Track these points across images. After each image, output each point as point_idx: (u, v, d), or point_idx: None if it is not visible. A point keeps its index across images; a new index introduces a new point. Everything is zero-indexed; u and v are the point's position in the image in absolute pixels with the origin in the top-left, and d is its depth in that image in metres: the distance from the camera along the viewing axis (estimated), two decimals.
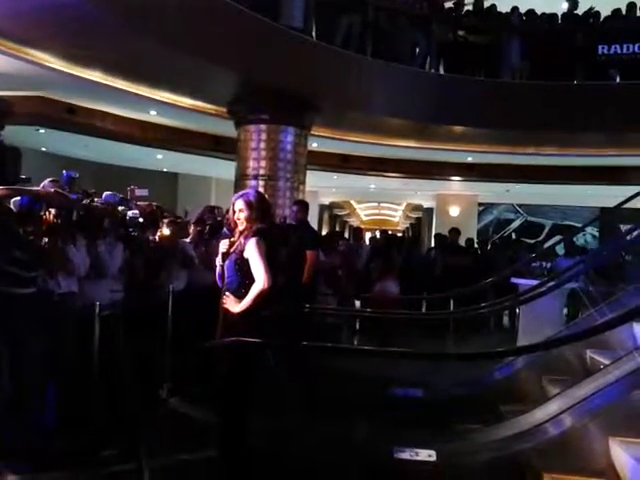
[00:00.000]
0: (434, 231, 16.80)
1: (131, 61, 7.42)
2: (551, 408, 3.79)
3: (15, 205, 3.77)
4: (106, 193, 5.12)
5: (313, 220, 13.14)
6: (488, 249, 12.12)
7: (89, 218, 4.33)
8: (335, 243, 8.77)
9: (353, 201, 25.26)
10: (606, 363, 4.08)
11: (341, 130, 10.63)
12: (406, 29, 9.23)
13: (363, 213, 29.54)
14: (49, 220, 3.71)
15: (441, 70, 9.67)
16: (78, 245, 4.19)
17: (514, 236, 20.08)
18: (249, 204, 3.63)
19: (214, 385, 3.55)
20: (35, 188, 4.04)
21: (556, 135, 10.04)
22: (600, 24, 9.90)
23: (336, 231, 17.36)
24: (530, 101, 9.10)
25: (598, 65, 9.40)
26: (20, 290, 3.54)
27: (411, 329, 8.71)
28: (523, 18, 10.03)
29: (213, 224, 6.52)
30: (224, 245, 3.71)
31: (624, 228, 10.77)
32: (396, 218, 29.67)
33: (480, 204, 18.78)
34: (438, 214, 17.88)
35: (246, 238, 3.57)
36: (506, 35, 9.59)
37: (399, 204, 25.07)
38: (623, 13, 9.78)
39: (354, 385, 5.35)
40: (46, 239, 3.75)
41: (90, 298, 4.14)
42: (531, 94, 9.18)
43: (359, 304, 8.29)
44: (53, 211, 3.75)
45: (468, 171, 13.70)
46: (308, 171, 9.22)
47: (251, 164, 8.54)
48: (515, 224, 20.72)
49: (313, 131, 9.24)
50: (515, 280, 7.20)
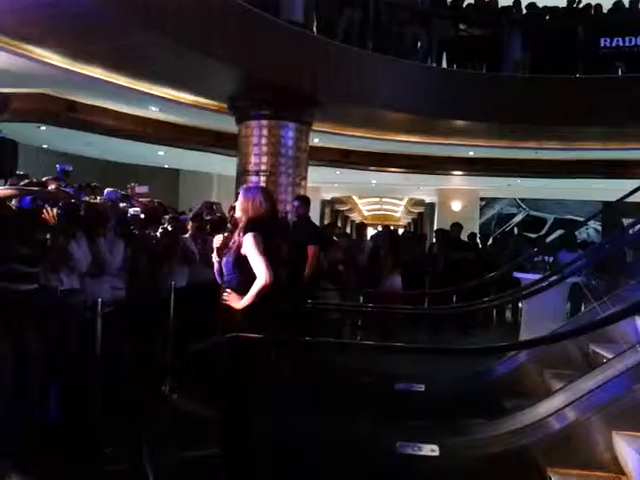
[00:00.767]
0: (436, 226, 16.78)
1: (132, 57, 7.39)
2: (554, 402, 3.78)
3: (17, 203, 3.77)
4: (107, 190, 5.13)
5: (315, 216, 13.14)
6: (489, 244, 12.11)
7: (90, 215, 4.33)
8: (332, 233, 8.77)
9: (355, 196, 25.24)
10: (609, 357, 4.08)
11: (342, 125, 10.60)
12: (407, 23, 9.20)
13: (365, 208, 29.52)
14: (51, 217, 3.70)
15: (443, 64, 9.64)
16: (79, 242, 4.18)
17: (516, 230, 20.06)
18: (246, 198, 3.59)
19: (216, 382, 3.54)
20: (37, 188, 4.04)
21: (558, 129, 10.00)
22: (602, 17, 9.86)
23: (330, 222, 17.31)
24: (532, 95, 9.07)
25: (600, 58, 9.36)
26: (22, 286, 3.54)
27: (414, 324, 8.73)
28: (524, 12, 10.00)
29: (215, 220, 6.50)
30: (217, 241, 3.66)
31: (626, 222, 10.76)
32: (398, 213, 29.65)
33: (482, 199, 18.77)
34: (440, 209, 17.86)
35: (242, 233, 3.49)
36: (508, 29, 9.55)
37: (401, 199, 25.04)
38: (626, 6, 9.74)
39: (357, 380, 5.35)
40: (48, 235, 3.74)
41: (92, 295, 4.14)
42: (533, 88, 9.15)
43: (362, 300, 8.28)
44: (55, 208, 3.74)
45: (470, 165, 13.67)
46: (310, 166, 9.20)
47: (252, 160, 8.53)
48: (517, 218, 20.70)
49: (314, 126, 9.21)
50: (518, 274, 7.20)
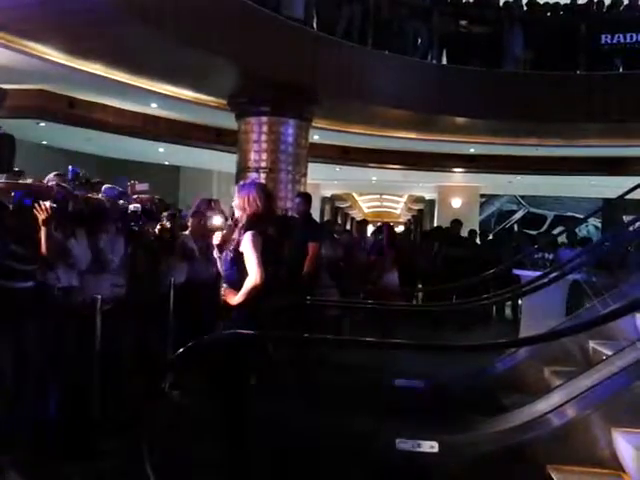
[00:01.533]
0: (436, 223, 16.78)
1: (132, 54, 7.39)
2: (554, 399, 3.78)
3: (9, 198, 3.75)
4: (105, 186, 5.11)
5: (315, 213, 13.12)
6: (488, 240, 12.10)
7: (89, 211, 4.32)
8: (333, 230, 8.78)
9: (355, 193, 25.23)
10: (609, 354, 4.07)
11: (342, 122, 10.59)
12: (407, 19, 9.19)
13: (365, 205, 29.50)
14: (44, 212, 3.68)
15: (443, 61, 9.63)
16: (79, 239, 4.17)
17: (516, 227, 20.07)
18: (241, 194, 3.57)
19: (215, 378, 3.54)
20: (29, 181, 4.02)
21: (559, 126, 9.98)
22: (603, 13, 9.83)
23: (329, 219, 17.38)
24: (533, 92, 9.05)
25: (601, 55, 9.34)
26: (19, 284, 3.53)
27: (414, 321, 8.73)
28: (524, 8, 9.97)
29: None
30: (217, 237, 3.67)
31: (627, 219, 10.74)
32: (398, 210, 29.63)
33: (482, 195, 18.75)
34: (440, 206, 17.83)
35: (242, 231, 3.49)
36: (508, 25, 9.53)
37: (401, 196, 25.03)
38: (626, 2, 9.72)
39: (356, 377, 5.35)
40: (42, 232, 3.72)
41: (91, 292, 4.13)
42: (533, 85, 9.13)
43: (361, 297, 8.28)
44: (48, 203, 3.71)
45: (470, 162, 13.66)
46: (310, 163, 9.20)
47: (252, 156, 8.52)
48: (517, 215, 20.71)
49: (314, 123, 9.20)
50: (517, 271, 7.19)
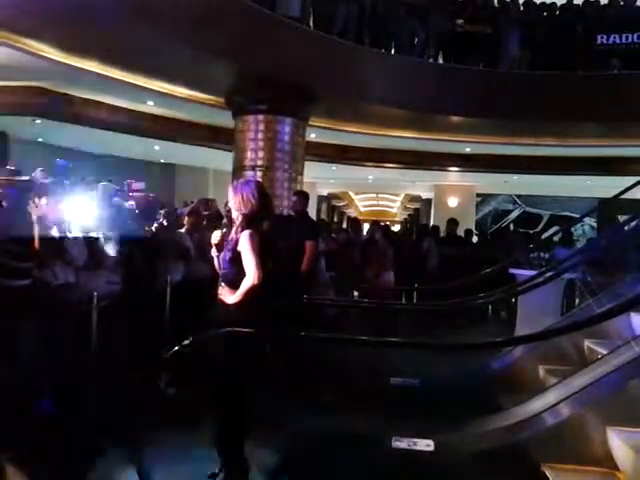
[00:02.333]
0: (432, 222, 16.79)
1: (128, 51, 7.38)
2: (549, 398, 3.79)
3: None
4: (101, 184, 5.10)
5: (311, 211, 13.11)
6: (485, 239, 12.11)
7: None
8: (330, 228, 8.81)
9: (351, 192, 25.23)
10: (604, 353, 4.09)
11: (339, 120, 10.60)
12: (404, 18, 9.19)
13: (361, 204, 29.52)
14: (40, 208, 3.68)
15: (440, 60, 9.63)
16: (75, 236, 4.17)
17: (512, 227, 20.10)
18: (235, 193, 3.58)
19: (212, 376, 3.54)
20: (25, 178, 4.02)
21: (555, 126, 10.01)
22: (599, 14, 9.85)
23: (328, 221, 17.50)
24: (529, 91, 9.06)
25: (597, 55, 9.36)
26: (15, 282, 3.52)
27: (409, 320, 8.74)
28: (521, 8, 9.99)
29: (211, 215, 6.49)
30: (215, 237, 3.67)
31: (622, 218, 10.77)
32: (394, 209, 29.65)
33: (478, 195, 18.77)
34: (436, 205, 17.86)
35: (239, 230, 3.49)
36: (505, 25, 9.55)
37: (397, 195, 25.05)
38: (621, 3, 9.75)
39: (352, 375, 5.35)
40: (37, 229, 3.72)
41: (87, 289, 4.13)
42: (530, 84, 9.14)
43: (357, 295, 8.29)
44: (44, 200, 3.72)
45: (466, 162, 13.68)
46: (306, 162, 9.20)
47: (249, 155, 8.52)
48: (513, 215, 20.74)
49: (311, 122, 9.21)
50: (513, 271, 7.20)
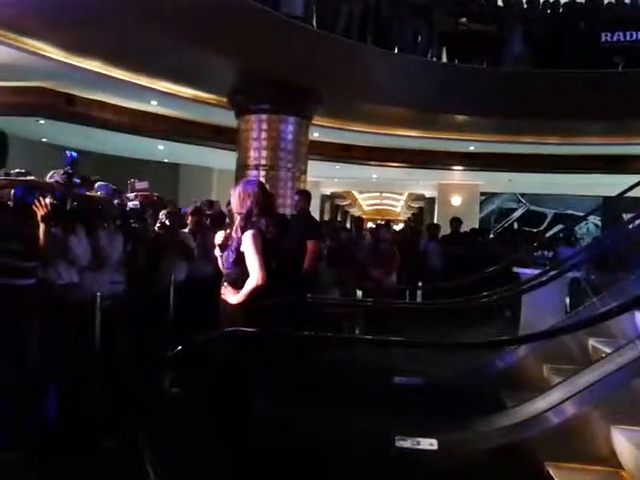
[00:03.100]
0: (436, 221, 16.77)
1: (131, 51, 7.39)
2: (553, 397, 3.78)
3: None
4: (99, 184, 5.08)
5: (314, 210, 13.13)
6: (489, 238, 12.11)
7: (88, 208, 4.33)
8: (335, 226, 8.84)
9: (355, 191, 25.21)
10: (608, 351, 4.08)
11: (342, 119, 10.59)
12: (407, 17, 9.17)
13: (365, 203, 29.50)
14: (43, 209, 3.68)
15: (443, 58, 9.61)
16: (79, 235, 4.18)
17: (516, 225, 20.07)
18: (236, 192, 3.58)
19: (215, 375, 3.55)
20: (29, 178, 4.02)
21: (558, 124, 9.99)
22: (602, 11, 9.81)
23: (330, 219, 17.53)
24: (532, 90, 9.04)
25: (601, 53, 9.33)
26: (20, 281, 3.53)
27: (413, 318, 8.73)
28: (525, 6, 9.96)
29: (214, 215, 6.51)
30: (219, 237, 3.68)
31: (626, 217, 10.73)
32: (398, 208, 29.62)
33: (482, 193, 18.73)
34: (440, 204, 17.83)
35: (242, 230, 3.49)
36: (508, 23, 9.52)
37: (401, 194, 25.02)
38: (626, 0, 9.71)
39: (356, 374, 5.35)
40: (42, 228, 3.72)
41: (91, 289, 4.14)
42: (533, 83, 9.12)
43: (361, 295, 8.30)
44: (48, 200, 3.72)
45: (470, 160, 13.66)
46: (309, 161, 9.19)
47: (252, 154, 8.51)
48: (517, 213, 20.69)
49: (314, 121, 9.20)
50: (517, 269, 7.19)
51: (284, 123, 8.51)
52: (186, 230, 6.02)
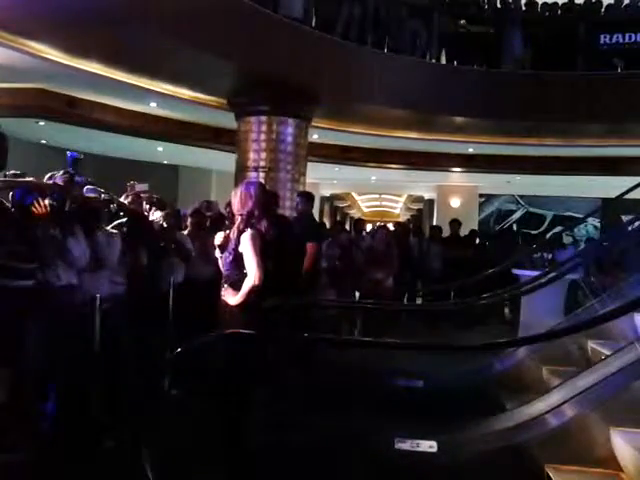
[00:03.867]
0: (435, 223, 16.78)
1: (131, 53, 7.38)
2: (552, 399, 3.79)
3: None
4: (87, 187, 5.06)
5: (314, 212, 13.12)
6: (488, 240, 12.11)
7: (87, 209, 4.32)
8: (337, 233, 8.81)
9: (354, 193, 25.21)
10: (607, 354, 4.08)
11: (342, 121, 10.59)
12: (406, 19, 9.18)
13: (364, 205, 29.50)
14: (42, 210, 3.68)
15: (442, 60, 9.62)
16: (77, 236, 4.17)
17: (515, 227, 20.07)
18: (236, 194, 3.59)
19: (214, 377, 3.55)
20: (28, 179, 4.02)
21: (558, 126, 9.99)
22: (602, 13, 9.84)
23: (338, 221, 17.50)
24: (531, 91, 9.05)
25: (600, 54, 9.35)
26: (19, 283, 3.53)
27: (412, 320, 8.74)
28: (523, 8, 9.98)
29: (214, 216, 6.49)
30: (219, 238, 3.69)
31: (626, 219, 10.75)
32: (397, 210, 29.62)
33: (481, 195, 18.73)
34: (439, 205, 17.83)
35: (241, 232, 3.52)
36: (507, 25, 9.54)
37: (400, 196, 25.02)
38: (626, 2, 9.73)
39: (355, 376, 5.35)
40: (40, 230, 3.72)
41: (90, 290, 4.13)
42: (532, 84, 9.14)
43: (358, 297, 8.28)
44: (46, 201, 3.72)
45: (469, 162, 13.65)
46: (309, 163, 9.19)
47: (251, 156, 8.52)
48: (516, 215, 20.67)
49: (314, 122, 9.20)
50: (516, 271, 7.20)
51: (283, 125, 8.51)
52: (185, 232, 6.01)
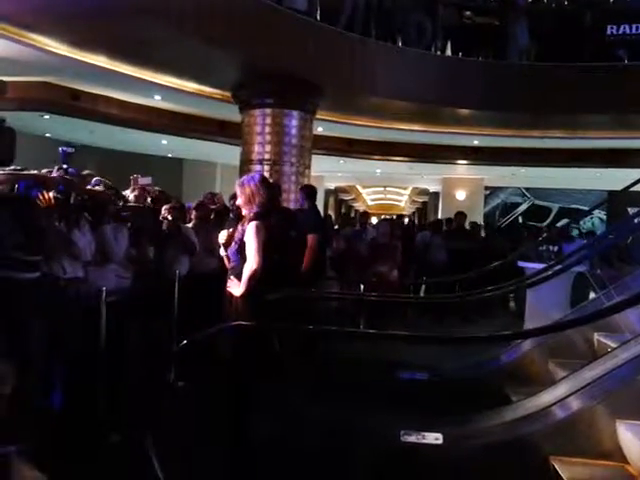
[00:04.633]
0: (440, 215, 16.75)
1: (136, 46, 7.37)
2: (558, 391, 3.78)
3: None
4: (95, 179, 5.07)
5: (318, 204, 13.11)
6: (493, 232, 12.07)
7: (93, 202, 4.33)
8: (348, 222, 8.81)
9: (359, 186, 25.20)
10: (613, 346, 4.07)
11: (346, 114, 10.57)
12: (411, 11, 9.13)
13: (369, 198, 29.47)
14: (47, 202, 3.68)
15: (447, 52, 9.58)
16: (83, 229, 4.17)
17: (521, 220, 20.04)
18: (242, 189, 3.61)
19: (220, 369, 3.56)
20: (33, 172, 4.02)
21: (563, 118, 9.95)
22: (608, 4, 9.77)
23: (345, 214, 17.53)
24: (537, 83, 9.01)
25: (606, 46, 9.28)
26: (24, 275, 3.53)
27: (418, 312, 8.74)
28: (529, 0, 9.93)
29: (219, 210, 6.48)
30: (222, 236, 3.71)
31: (632, 211, 10.71)
32: (402, 202, 29.58)
33: (487, 188, 18.70)
34: (444, 198, 17.81)
35: (246, 223, 3.54)
36: (513, 16, 9.48)
37: (405, 188, 24.99)
38: None
39: (360, 369, 5.36)
40: (45, 222, 3.72)
41: (96, 283, 4.14)
42: (538, 76, 9.08)
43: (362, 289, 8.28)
44: (52, 193, 3.73)
45: (474, 154, 13.63)
46: (314, 155, 9.18)
47: (256, 149, 8.51)
48: (522, 208, 20.64)
49: (318, 115, 9.18)
50: (522, 264, 7.18)
51: (288, 117, 8.50)
52: (190, 225, 6.01)
